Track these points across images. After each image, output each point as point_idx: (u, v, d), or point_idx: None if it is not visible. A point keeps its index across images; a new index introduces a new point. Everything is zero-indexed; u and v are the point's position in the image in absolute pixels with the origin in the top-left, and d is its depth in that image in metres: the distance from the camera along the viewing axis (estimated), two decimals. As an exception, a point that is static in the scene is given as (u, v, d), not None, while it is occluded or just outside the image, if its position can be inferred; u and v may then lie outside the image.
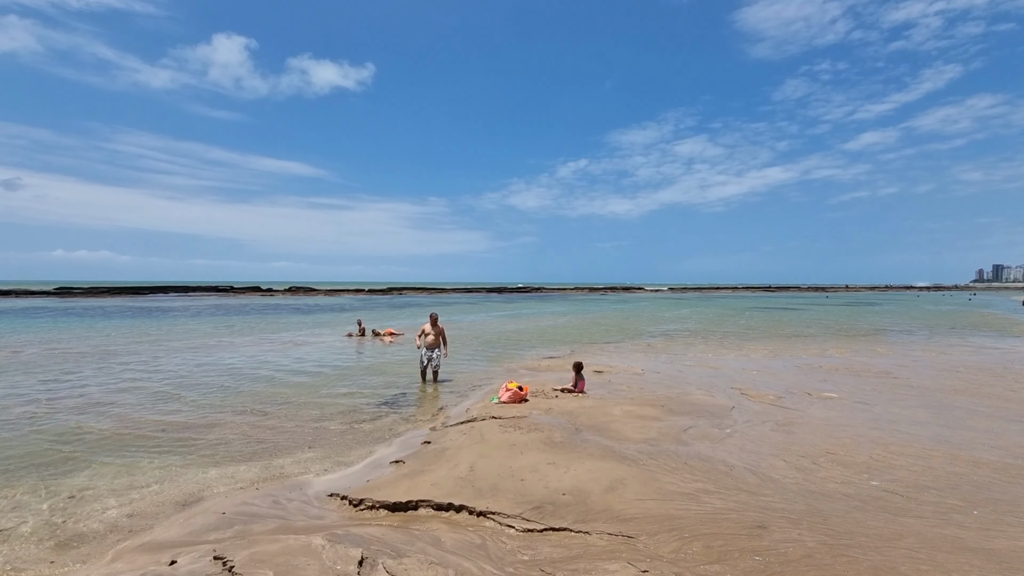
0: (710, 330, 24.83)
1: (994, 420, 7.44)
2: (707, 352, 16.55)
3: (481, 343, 18.90)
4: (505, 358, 15.28)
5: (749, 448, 6.06)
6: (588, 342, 19.47)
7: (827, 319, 32.89)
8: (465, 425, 7.28)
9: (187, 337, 20.42)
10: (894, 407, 8.34)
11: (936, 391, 9.74)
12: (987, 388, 9.93)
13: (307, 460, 6.48)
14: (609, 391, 9.77)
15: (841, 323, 29.47)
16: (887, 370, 12.34)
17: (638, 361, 14.24)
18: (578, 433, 6.70)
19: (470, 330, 24.34)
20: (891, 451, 5.86)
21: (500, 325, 27.42)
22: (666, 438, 6.47)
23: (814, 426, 7.06)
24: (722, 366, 13.22)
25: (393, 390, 10.68)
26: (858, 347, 17.87)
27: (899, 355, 15.49)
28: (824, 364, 13.43)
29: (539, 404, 8.46)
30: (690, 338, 20.94)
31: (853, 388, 10.11)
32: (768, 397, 9.18)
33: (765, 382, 10.81)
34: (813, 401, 8.89)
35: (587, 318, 33.52)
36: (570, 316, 35.36)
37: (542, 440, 6.31)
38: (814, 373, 12.04)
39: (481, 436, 6.55)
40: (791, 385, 10.49)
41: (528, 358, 15.20)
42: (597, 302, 62.21)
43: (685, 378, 11.39)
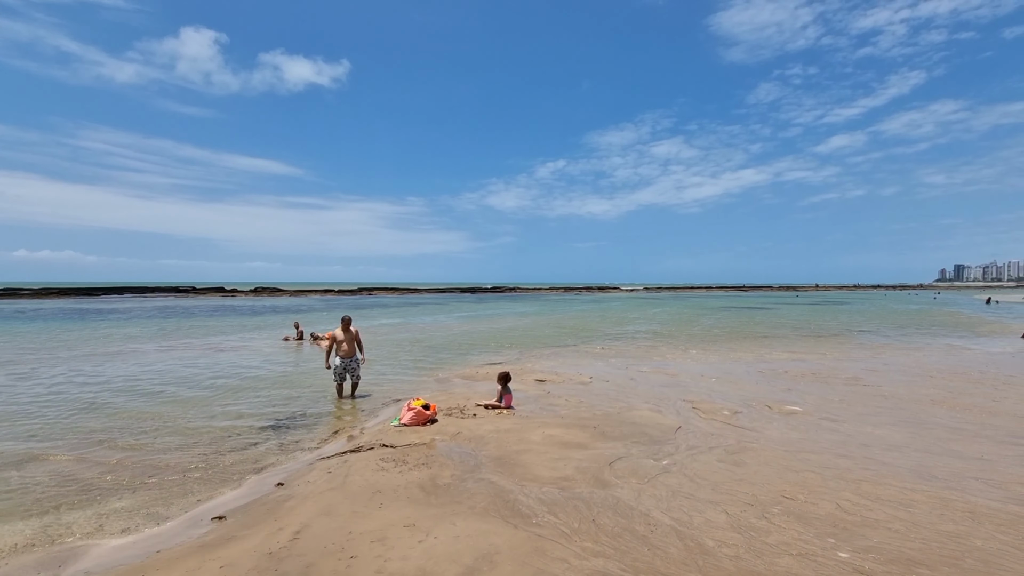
0: (676, 331, 23.73)
1: (982, 442, 6.24)
2: (668, 356, 15.31)
3: (425, 348, 17.32)
4: (445, 364, 13.76)
5: (685, 491, 4.67)
6: (543, 345, 18.07)
7: (796, 319, 32.24)
8: (338, 459, 5.74)
9: (98, 343, 18.31)
10: (866, 425, 7.11)
11: (911, 402, 8.58)
12: (967, 397, 8.82)
13: (110, 514, 4.85)
14: (542, 407, 8.34)
15: (810, 323, 28.78)
16: (857, 376, 11.22)
17: (589, 367, 12.88)
18: (475, 471, 5.23)
19: (421, 333, 22.73)
20: (864, 494, 4.54)
21: (457, 327, 25.86)
22: (584, 477, 5.04)
23: (770, 455, 5.73)
24: (680, 372, 11.94)
25: (292, 407, 9.07)
26: (826, 349, 16.87)
27: (869, 358, 14.49)
28: (790, 369, 12.27)
29: (448, 427, 6.97)
30: (653, 340, 19.73)
31: (819, 399, 8.90)
32: (722, 413, 7.87)
33: (723, 392, 9.53)
34: (773, 417, 7.61)
35: (552, 319, 32.19)
36: (535, 317, 33.99)
37: (420, 483, 4.82)
38: (778, 380, 10.84)
39: (345, 478, 5.03)
40: (751, 396, 9.23)
41: (470, 364, 13.70)
42: (569, 302, 61.07)
43: (635, 388, 10.05)
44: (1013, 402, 8.40)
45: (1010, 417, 7.40)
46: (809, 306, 50.51)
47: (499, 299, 71.24)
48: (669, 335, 21.80)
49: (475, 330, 24.03)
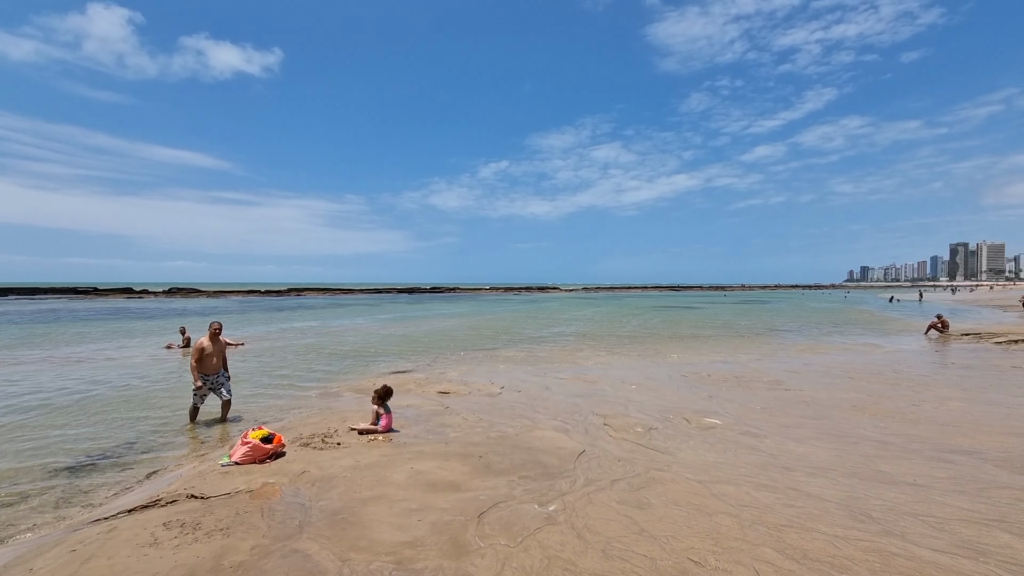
0: (604, 333, 23.14)
1: (911, 459, 5.54)
2: (591, 359, 14.43)
3: (330, 355, 15.51)
4: (345, 374, 12.11)
5: (565, 558, 3.48)
6: (463, 349, 16.74)
7: (723, 318, 32.84)
8: (105, 525, 4.12)
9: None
10: (788, 440, 6.31)
11: (833, 408, 7.99)
12: (887, 402, 8.36)
13: None
14: (430, 428, 7.00)
15: (736, 322, 29.27)
16: (779, 379, 10.72)
17: (504, 375, 11.69)
18: (291, 537, 3.80)
19: (333, 337, 20.75)
20: (788, 549, 3.55)
21: (376, 330, 24.00)
22: (438, 540, 3.75)
23: (682, 489, 4.70)
24: (600, 379, 10.99)
25: (124, 436, 7.21)
26: (750, 349, 16.68)
27: (790, 358, 14.27)
28: (713, 372, 11.65)
29: (294, 463, 5.47)
30: (579, 343, 18.90)
31: (741, 408, 8.14)
32: (636, 430, 6.86)
33: (641, 403, 8.60)
34: (691, 433, 6.68)
35: (481, 320, 30.93)
36: (464, 318, 32.60)
37: (194, 569, 3.34)
38: (700, 386, 10.11)
39: (81, 565, 3.45)
40: (670, 405, 8.35)
41: (373, 373, 12.13)
42: (505, 302, 60.15)
43: (548, 400, 8.93)
44: (932, 407, 7.99)
45: (932, 426, 6.88)
46: (735, 305, 52.36)
47: (435, 300, 69.25)
48: (596, 336, 21.12)
49: (395, 333, 22.32)
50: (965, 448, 5.84)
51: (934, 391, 9.13)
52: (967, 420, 7.06)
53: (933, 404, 8.09)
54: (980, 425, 6.79)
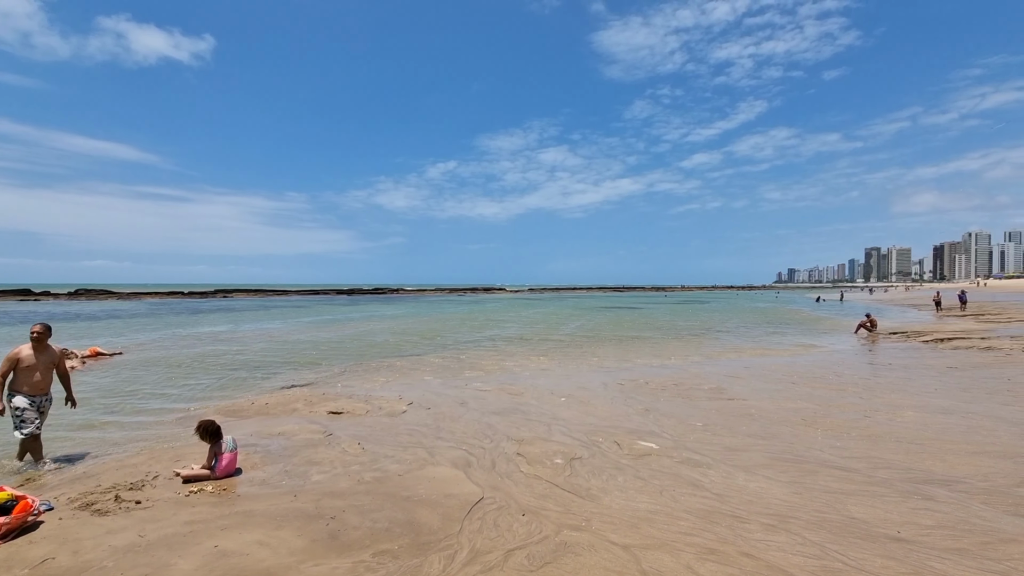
0: (543, 335, 21.97)
1: (884, 495, 4.48)
2: (522, 366, 13.09)
3: (217, 367, 13.31)
4: (223, 391, 10.10)
5: None
6: (381, 356, 14.96)
7: (663, 318, 32.66)
8: None
9: None
10: (737, 471, 5.13)
11: (782, 423, 6.98)
12: (837, 412, 7.48)
13: None
14: (286, 470, 5.32)
15: (676, 323, 29.01)
16: (719, 385, 9.76)
17: (417, 387, 10.10)
18: None
19: (232, 344, 18.32)
20: None
21: (293, 335, 21.66)
22: None
23: (600, 568, 3.33)
24: (527, 390, 9.62)
25: None
26: (690, 351, 15.93)
27: (730, 361, 13.53)
28: (652, 379, 10.58)
29: (42, 542, 3.66)
30: (514, 346, 17.56)
31: (680, 424, 6.99)
32: (555, 461, 5.49)
33: (567, 421, 7.28)
34: (621, 464, 5.39)
35: (417, 322, 29.06)
36: (399, 320, 30.59)
37: None
38: (638, 396, 8.95)
39: None
40: (602, 423, 7.08)
41: (260, 389, 10.20)
42: (447, 303, 58.24)
43: (457, 420, 7.44)
44: (885, 417, 7.15)
45: (893, 444, 5.94)
46: (675, 305, 53.10)
47: (375, 301, 66.22)
48: (533, 340, 19.87)
49: (312, 338, 20.11)
50: (939, 475, 4.87)
51: (882, 397, 8.39)
52: (928, 435, 6.19)
53: (886, 414, 7.26)
54: (944, 442, 5.92)
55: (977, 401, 7.92)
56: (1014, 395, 8.25)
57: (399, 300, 70.17)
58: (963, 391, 8.73)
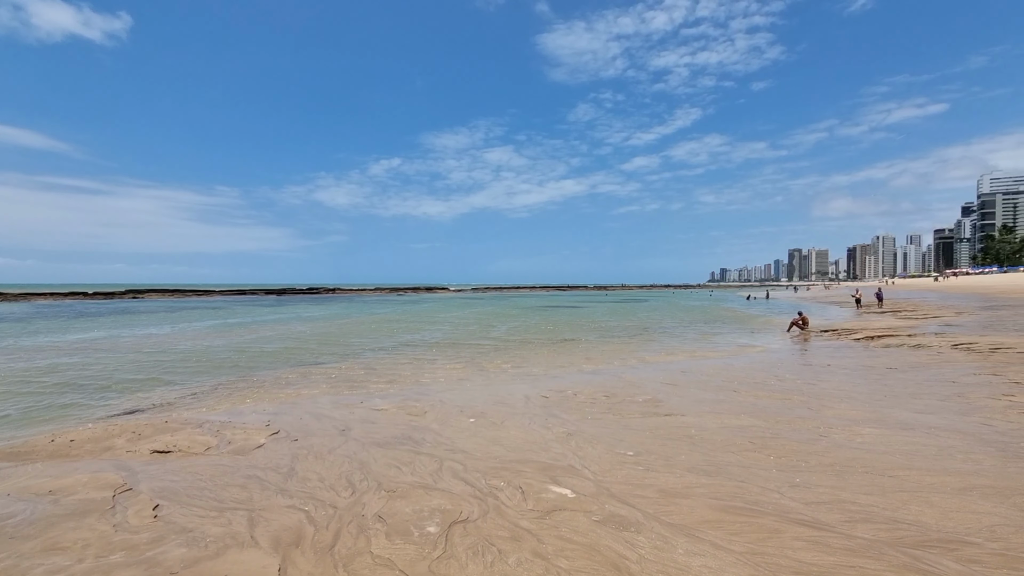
0: (473, 337, 20.36)
1: (870, 572, 3.18)
2: (439, 375, 11.41)
3: (45, 387, 10.72)
4: (33, 420, 7.76)
5: None
6: (273, 367, 12.80)
7: (601, 318, 31.96)
8: None
9: None
10: (674, 533, 3.71)
11: (727, 448, 5.72)
12: (787, 429, 6.34)
13: None
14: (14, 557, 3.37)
15: (613, 323, 28.27)
16: (655, 396, 8.52)
17: (300, 407, 8.19)
18: None
19: (87, 356, 15.45)
20: None
21: (176, 342, 18.81)
22: None
23: None
24: (431, 408, 7.96)
25: None
26: (626, 353, 14.84)
27: (666, 364, 12.48)
28: (581, 390, 9.22)
29: None
30: (437, 352, 15.83)
31: (607, 453, 5.57)
32: (427, 530, 3.86)
33: (467, 455, 5.69)
34: (519, 531, 3.84)
35: (340, 324, 26.62)
36: (320, 323, 27.98)
37: None
38: (563, 412, 7.52)
39: None
40: (510, 455, 5.55)
41: (85, 416, 7.94)
42: (383, 303, 55.40)
43: (325, 457, 5.67)
44: (843, 436, 6.08)
45: (862, 476, 4.78)
46: (615, 304, 53.13)
47: (305, 301, 62.12)
48: (460, 343, 18.21)
49: (201, 346, 17.43)
50: (935, 531, 3.66)
51: (833, 408, 7.39)
52: (898, 462, 5.10)
53: (843, 431, 6.19)
54: (920, 472, 4.81)
55: (933, 411, 7.06)
56: (967, 401, 7.50)
57: (332, 300, 66.31)
58: (913, 397, 7.92)
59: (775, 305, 46.30)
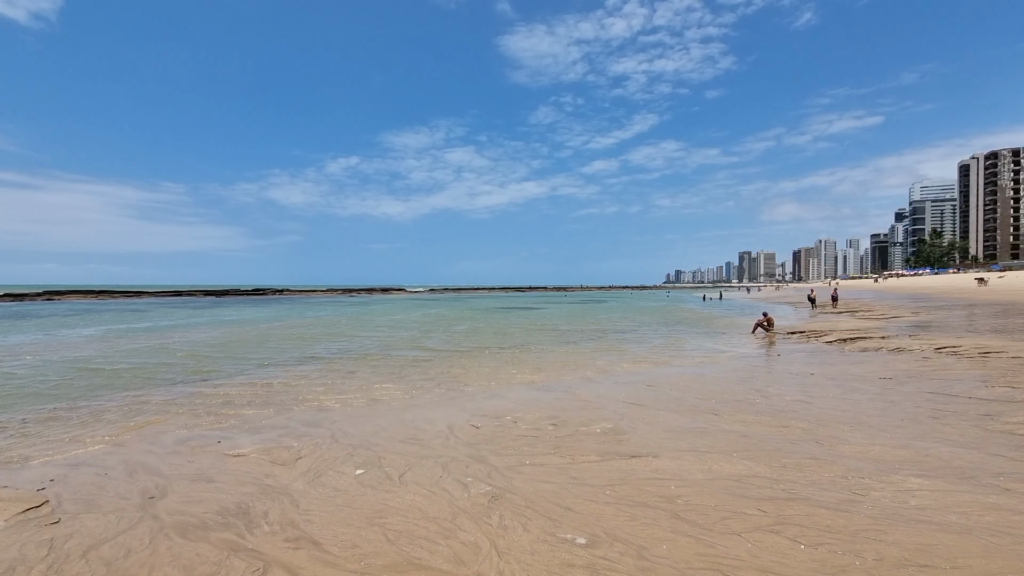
0: (409, 345, 18.03)
1: None
2: (347, 397, 9.09)
3: None
4: None
5: None
6: (145, 385, 10.10)
7: (558, 320, 30.18)
8: None
9: None
10: None
11: (727, 529, 3.76)
12: (806, 489, 4.46)
13: None
14: None
15: (570, 325, 26.50)
16: (617, 424, 6.56)
17: (127, 451, 5.73)
18: None
19: None
20: None
21: (48, 351, 15.58)
22: None
23: None
24: (308, 452, 5.69)
25: None
26: (581, 362, 12.93)
27: (628, 376, 10.62)
28: (524, 415, 7.16)
29: None
30: (358, 363, 13.41)
31: (544, 545, 3.50)
32: None
33: (318, 550, 3.48)
34: None
35: (258, 329, 23.62)
36: (238, 327, 24.85)
37: None
38: (493, 452, 5.42)
39: None
40: (388, 555, 3.39)
41: None
42: (330, 305, 51.85)
43: (65, 571, 3.32)
44: (890, 498, 4.25)
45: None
46: (574, 305, 51.71)
47: (246, 303, 57.62)
48: (391, 352, 15.85)
49: (66, 358, 14.33)
50: None
51: (848, 441, 5.61)
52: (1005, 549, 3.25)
53: (883, 488, 4.34)
54: None
55: (975, 443, 5.37)
56: (1007, 426, 5.89)
57: (275, 302, 61.97)
58: (935, 419, 6.28)
59: (732, 305, 46.05)
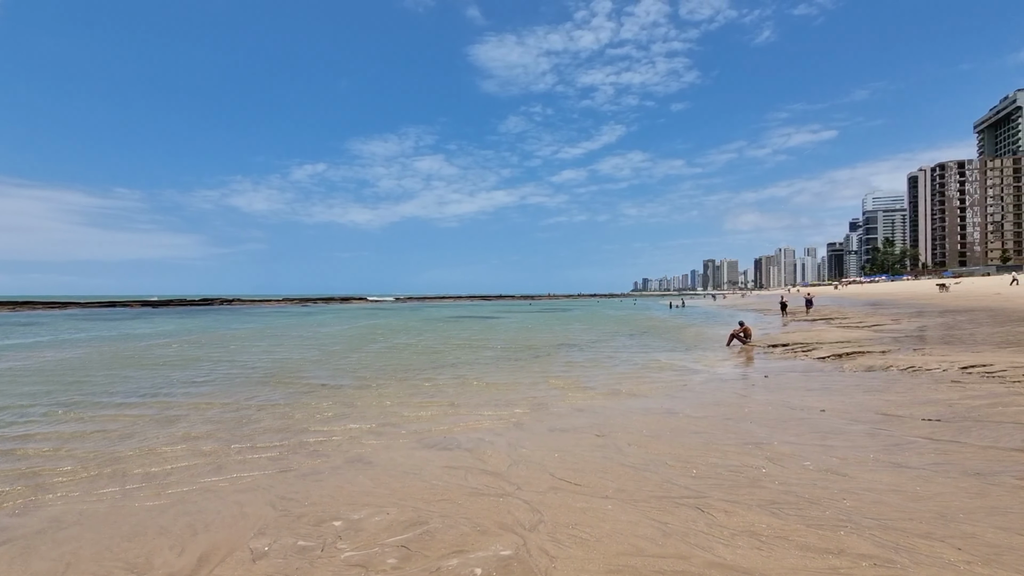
0: (303, 371, 14.61)
1: None
2: (185, 465, 5.70)
3: None
4: None
5: None
6: None
7: (511, 331, 27.14)
8: None
9: None
10: None
11: None
12: None
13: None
14: None
15: (524, 337, 23.45)
16: (515, 550, 3.46)
17: None
18: None
19: None
20: None
21: None
22: None
23: None
24: (84, 551, 2.35)
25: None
26: (518, 391, 9.83)
27: (575, 414, 7.57)
28: (362, 521, 3.98)
29: None
30: (208, 399, 9.95)
31: None
32: None
33: None
34: None
35: (131, 349, 19.66)
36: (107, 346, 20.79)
37: None
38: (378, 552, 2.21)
39: None
40: None
41: None
42: (271, 316, 47.31)
43: None
44: None
45: None
46: (536, 314, 48.87)
47: (177, 314, 52.36)
48: (280, 379, 12.41)
49: None
50: None
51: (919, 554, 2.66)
52: None
53: None
54: None
55: None
56: None
57: (216, 312, 56.79)
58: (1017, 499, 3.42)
59: (697, 312, 44.13)
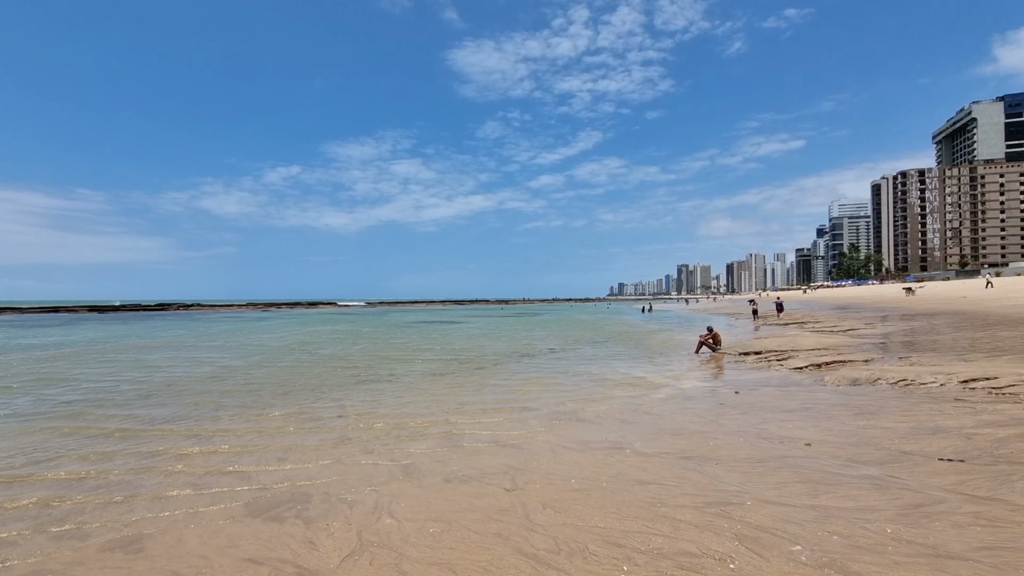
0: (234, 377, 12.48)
1: None
2: None
3: None
4: None
5: None
6: None
7: (468, 338, 25.25)
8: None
9: None
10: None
11: None
12: None
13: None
14: None
15: (478, 345, 21.59)
16: None
17: None
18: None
19: None
20: None
21: None
22: None
23: None
24: None
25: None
26: (423, 423, 7.96)
27: (486, 456, 5.74)
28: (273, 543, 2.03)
29: None
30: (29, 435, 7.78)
31: None
32: None
33: None
34: None
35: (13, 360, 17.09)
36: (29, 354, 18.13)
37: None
38: None
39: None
40: None
41: None
42: (217, 322, 44.21)
43: None
44: None
45: None
46: (504, 319, 47.06)
47: (119, 320, 48.63)
48: (128, 403, 10.25)
49: None
50: None
51: None
52: None
53: None
54: None
55: None
56: None
57: (163, 318, 53.12)
58: None
59: (668, 317, 43.06)
